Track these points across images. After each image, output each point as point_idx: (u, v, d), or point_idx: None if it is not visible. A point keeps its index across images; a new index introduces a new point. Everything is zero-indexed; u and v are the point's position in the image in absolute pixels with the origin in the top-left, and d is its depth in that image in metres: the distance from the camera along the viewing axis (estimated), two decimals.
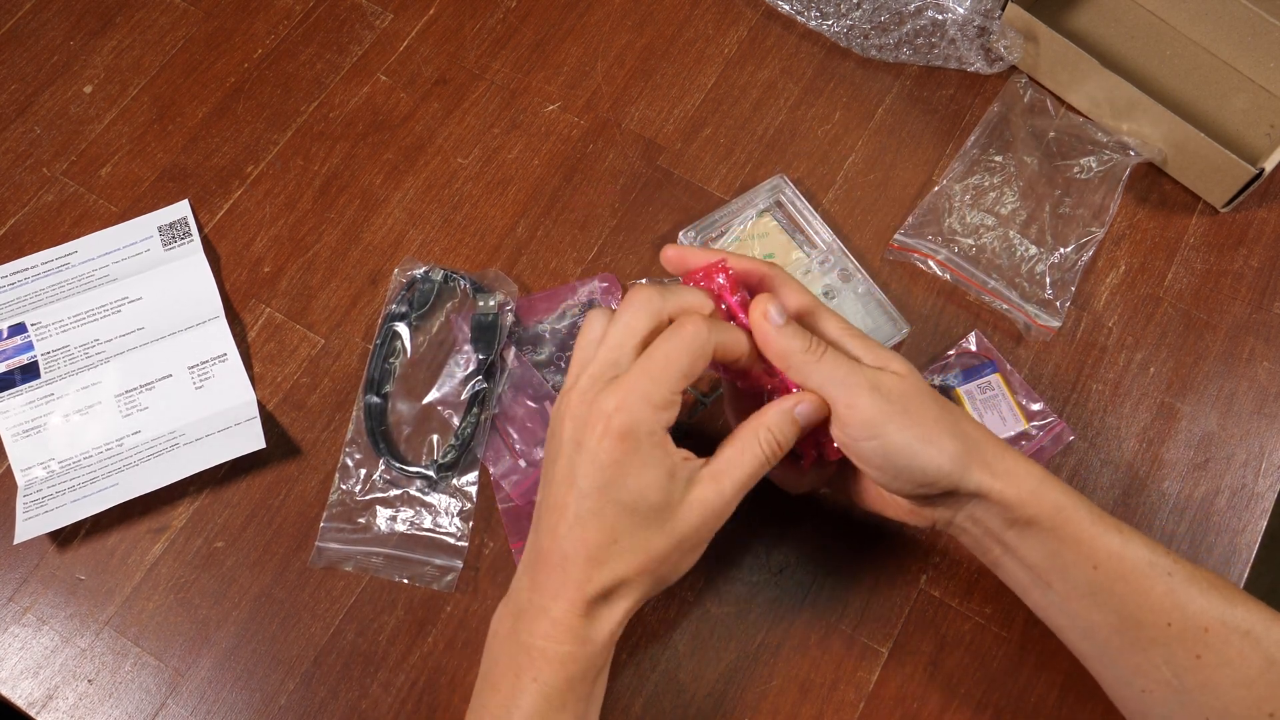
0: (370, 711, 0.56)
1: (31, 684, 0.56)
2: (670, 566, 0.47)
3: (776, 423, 0.47)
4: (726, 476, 0.47)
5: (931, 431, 0.46)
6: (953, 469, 0.46)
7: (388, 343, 0.63)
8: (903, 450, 0.46)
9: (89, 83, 0.72)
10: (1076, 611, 0.48)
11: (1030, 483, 0.47)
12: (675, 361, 0.45)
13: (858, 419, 0.46)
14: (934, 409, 0.47)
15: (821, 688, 0.56)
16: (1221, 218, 0.69)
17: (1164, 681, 0.46)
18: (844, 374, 0.46)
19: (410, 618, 0.58)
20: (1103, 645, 0.48)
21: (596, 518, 0.45)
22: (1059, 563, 0.47)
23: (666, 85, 0.72)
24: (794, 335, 0.47)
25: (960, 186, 0.68)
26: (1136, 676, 0.47)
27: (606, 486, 0.45)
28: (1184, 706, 0.46)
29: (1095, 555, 0.47)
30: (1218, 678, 0.45)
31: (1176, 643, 0.46)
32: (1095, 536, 0.47)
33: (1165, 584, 0.46)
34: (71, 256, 0.66)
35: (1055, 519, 0.47)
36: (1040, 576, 0.48)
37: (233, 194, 0.69)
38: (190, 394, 0.62)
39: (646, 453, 0.45)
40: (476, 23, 0.75)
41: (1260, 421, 0.63)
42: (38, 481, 0.60)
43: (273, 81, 0.72)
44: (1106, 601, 0.47)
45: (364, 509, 0.60)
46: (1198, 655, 0.45)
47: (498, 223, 0.68)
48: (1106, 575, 0.46)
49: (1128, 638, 0.47)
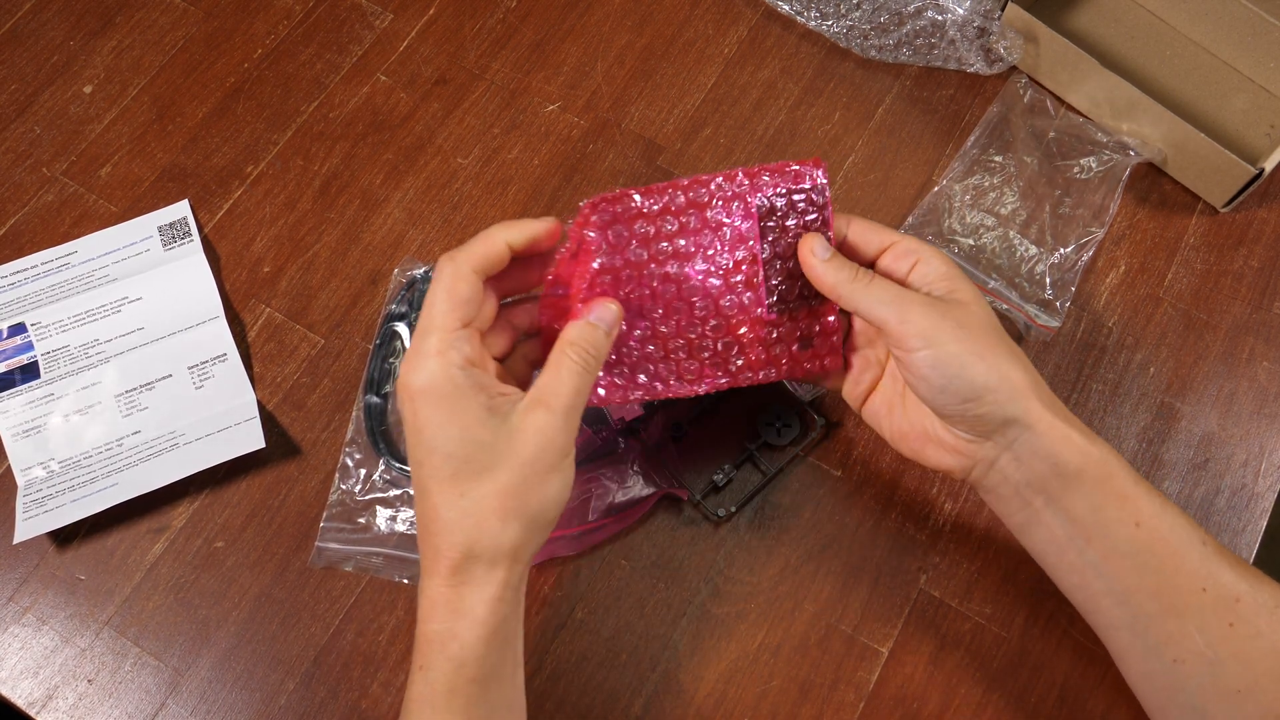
0: (370, 711, 0.56)
1: (31, 684, 0.56)
2: (532, 500, 0.45)
3: (579, 335, 0.47)
4: (551, 397, 0.46)
5: (986, 348, 0.47)
6: (1003, 388, 0.47)
7: (388, 343, 0.63)
8: (954, 359, 0.47)
9: (89, 83, 0.72)
10: (1115, 573, 0.47)
11: (1078, 433, 0.47)
12: (433, 303, 0.46)
13: (911, 331, 0.48)
14: (994, 335, 0.48)
15: (821, 688, 0.56)
16: (1221, 218, 0.69)
17: (1197, 652, 0.46)
18: (893, 295, 0.49)
19: (410, 618, 0.57)
20: (1136, 611, 0.47)
21: (436, 480, 0.45)
22: (1102, 518, 0.47)
23: (666, 85, 0.72)
24: (840, 267, 0.50)
25: (960, 187, 0.68)
26: (1169, 645, 0.47)
27: (430, 448, 0.45)
28: (1215, 679, 0.46)
29: (1139, 514, 0.46)
30: (1249, 649, 0.45)
31: (1210, 610, 0.46)
32: (1138, 496, 0.47)
33: (1200, 551, 0.46)
34: (71, 256, 0.66)
35: (1101, 471, 0.47)
36: (1081, 532, 0.48)
37: (233, 194, 0.69)
38: (190, 394, 0.62)
39: (454, 400, 0.45)
40: (476, 23, 0.75)
41: (1260, 421, 0.63)
42: (38, 481, 0.60)
43: (273, 81, 0.72)
44: (1146, 562, 0.46)
45: (364, 509, 0.60)
46: (1230, 624, 0.45)
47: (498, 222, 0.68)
48: (1147, 536, 0.46)
49: (1164, 603, 0.46)
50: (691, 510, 0.60)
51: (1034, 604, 0.58)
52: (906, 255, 0.51)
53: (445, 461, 0.45)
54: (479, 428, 0.45)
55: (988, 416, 0.48)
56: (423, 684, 0.45)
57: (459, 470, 0.45)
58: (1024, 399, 0.47)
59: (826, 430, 0.62)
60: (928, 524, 0.60)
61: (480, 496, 0.45)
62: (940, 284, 0.50)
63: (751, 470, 0.61)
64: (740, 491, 0.60)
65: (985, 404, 0.47)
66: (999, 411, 0.47)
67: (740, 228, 0.52)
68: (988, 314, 0.49)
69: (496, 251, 0.48)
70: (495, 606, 0.45)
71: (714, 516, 0.59)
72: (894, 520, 0.60)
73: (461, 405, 0.45)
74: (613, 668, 0.57)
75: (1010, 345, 0.49)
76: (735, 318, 0.53)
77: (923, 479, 0.61)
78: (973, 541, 0.59)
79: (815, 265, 0.50)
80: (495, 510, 0.44)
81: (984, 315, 0.49)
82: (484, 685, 0.45)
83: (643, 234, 0.51)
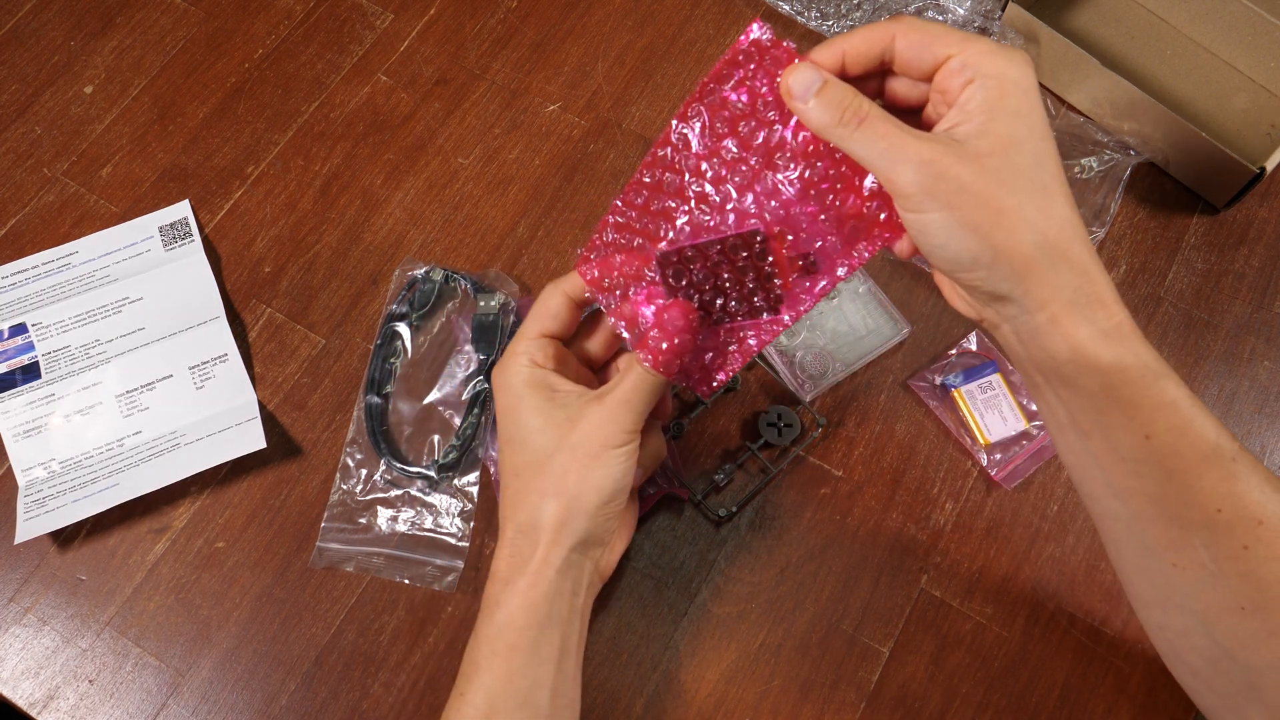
0: (371, 712, 0.56)
1: (32, 684, 0.56)
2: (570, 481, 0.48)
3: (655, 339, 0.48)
4: (608, 391, 0.49)
5: (986, 215, 0.40)
6: (997, 264, 0.40)
7: (388, 343, 0.63)
8: (939, 229, 0.40)
9: (89, 83, 0.72)
10: (1113, 473, 0.43)
11: (1094, 328, 0.41)
12: (530, 318, 0.52)
13: (897, 190, 0.41)
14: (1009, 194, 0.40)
15: (822, 688, 0.56)
16: (1222, 217, 0.69)
17: (1199, 564, 0.42)
18: (884, 146, 0.41)
19: (411, 618, 0.58)
20: (1135, 512, 0.43)
21: (503, 464, 0.50)
22: (1104, 422, 0.42)
23: (667, 85, 0.72)
24: (822, 109, 0.42)
25: None
26: (1168, 551, 0.43)
27: (506, 437, 0.50)
28: (1217, 590, 0.42)
29: (1152, 425, 0.41)
30: (1263, 571, 0.41)
31: (1223, 530, 0.41)
32: (1157, 406, 0.41)
33: (1224, 470, 0.41)
34: (72, 257, 0.66)
35: (1110, 379, 0.41)
36: (1079, 425, 0.43)
37: (233, 194, 0.69)
38: (191, 394, 0.62)
39: (529, 396, 0.50)
40: (477, 23, 0.75)
41: (1261, 421, 0.63)
42: (38, 482, 0.60)
43: (273, 82, 0.72)
44: (1151, 473, 0.42)
45: (365, 509, 0.60)
46: (1245, 546, 0.41)
47: (498, 223, 0.68)
48: (1159, 448, 0.41)
49: (1167, 513, 0.42)
50: (692, 510, 0.60)
51: (1035, 604, 0.58)
52: (959, 73, 0.41)
53: (507, 446, 0.50)
54: (534, 415, 0.49)
55: (978, 289, 0.42)
56: (473, 646, 0.49)
57: (517, 454, 0.50)
58: (1020, 279, 0.40)
59: (827, 430, 0.62)
60: (928, 524, 0.60)
61: (529, 477, 0.49)
62: (978, 116, 0.40)
63: (752, 470, 0.61)
64: (741, 491, 0.60)
65: (974, 276, 0.41)
66: (990, 287, 0.41)
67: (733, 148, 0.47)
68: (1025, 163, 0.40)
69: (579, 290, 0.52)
70: (534, 580, 0.48)
71: (714, 516, 0.59)
72: (895, 520, 0.60)
73: (531, 402, 0.49)
74: (613, 667, 0.57)
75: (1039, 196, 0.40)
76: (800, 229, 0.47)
77: (923, 479, 0.61)
78: (973, 541, 0.59)
79: (797, 110, 0.43)
80: (537, 489, 0.49)
81: (1011, 167, 0.40)
82: (525, 657, 0.47)
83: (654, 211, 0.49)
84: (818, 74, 0.43)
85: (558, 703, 0.48)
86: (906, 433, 0.62)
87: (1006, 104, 0.40)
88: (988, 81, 0.40)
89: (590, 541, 0.49)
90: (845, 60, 0.44)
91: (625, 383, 0.48)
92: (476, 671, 0.48)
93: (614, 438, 0.48)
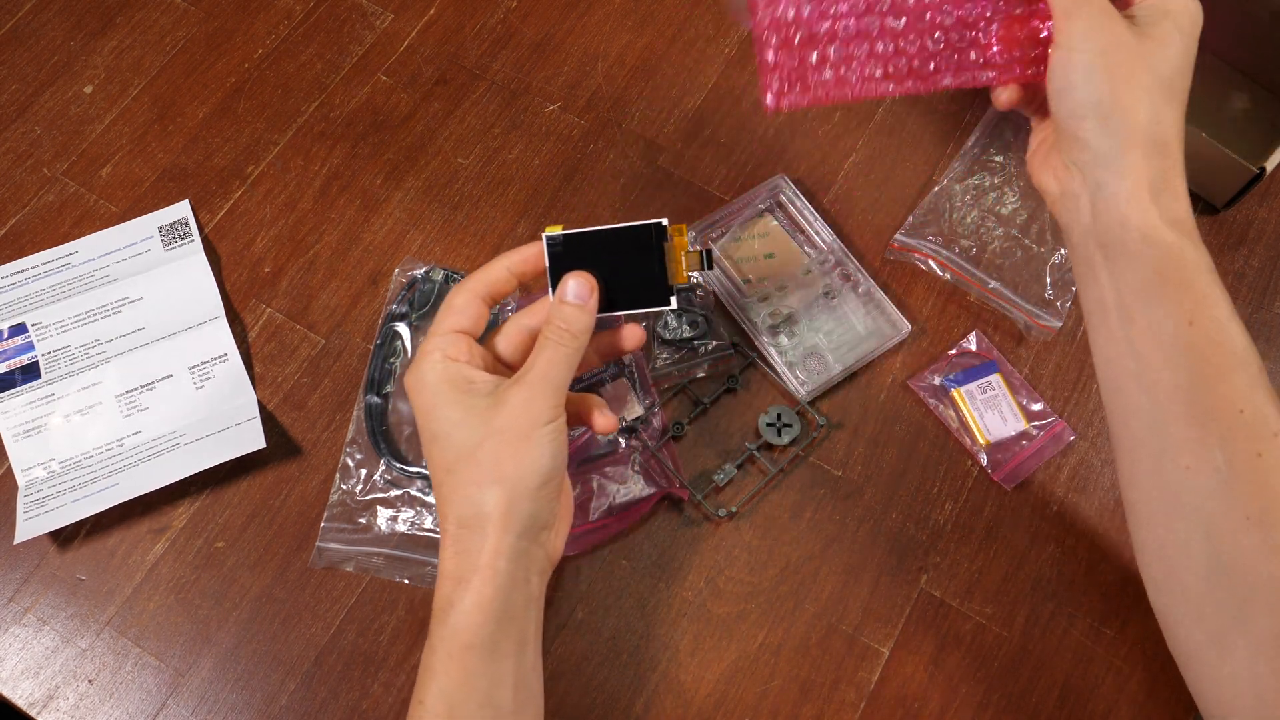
0: (371, 712, 0.56)
1: (32, 684, 0.56)
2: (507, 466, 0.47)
3: (554, 314, 0.49)
4: (525, 371, 0.49)
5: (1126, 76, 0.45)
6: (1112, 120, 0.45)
7: (388, 342, 0.63)
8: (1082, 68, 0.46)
9: (89, 83, 0.72)
10: (1150, 359, 0.45)
11: (1166, 211, 0.45)
12: (439, 317, 0.51)
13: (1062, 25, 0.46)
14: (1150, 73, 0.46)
15: (822, 688, 0.56)
16: (1222, 217, 0.69)
17: (1214, 467, 0.43)
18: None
19: (411, 618, 0.58)
20: (1160, 405, 0.45)
21: (432, 463, 0.49)
22: (1152, 301, 0.45)
23: (667, 85, 0.72)
24: None
25: (961, 186, 0.68)
26: (1184, 452, 0.44)
27: (430, 435, 0.49)
28: (1226, 498, 0.43)
29: (1196, 313, 0.44)
30: (1273, 481, 0.43)
31: (1242, 432, 0.43)
32: (1205, 297, 0.44)
33: (1251, 376, 0.44)
34: (72, 257, 0.66)
35: (1169, 257, 0.44)
36: (1128, 305, 0.45)
37: (233, 194, 0.69)
38: (191, 394, 0.62)
39: (445, 391, 0.48)
40: (476, 23, 0.75)
41: None
42: (38, 481, 0.60)
43: (273, 82, 0.72)
44: (1186, 362, 0.44)
45: (365, 509, 0.60)
46: (1259, 453, 0.43)
47: (498, 223, 0.68)
48: (1199, 337, 0.44)
49: (1193, 407, 0.44)
50: (692, 510, 0.60)
51: (1034, 604, 0.58)
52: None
53: (432, 444, 0.48)
54: (453, 408, 0.48)
55: (1086, 142, 0.46)
56: (427, 652, 0.47)
57: (445, 450, 0.48)
58: (1126, 140, 0.45)
59: (827, 430, 0.62)
60: (928, 524, 0.60)
61: (462, 469, 0.48)
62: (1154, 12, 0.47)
63: (752, 470, 0.61)
64: (740, 491, 0.60)
65: (1087, 127, 0.46)
66: (1096, 142, 0.46)
67: None
68: (1174, 53, 0.46)
69: (496, 275, 0.51)
70: (487, 575, 0.46)
71: (714, 516, 0.59)
72: (894, 520, 0.60)
73: (446, 396, 0.48)
74: (613, 668, 0.57)
75: (1166, 91, 0.46)
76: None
77: (923, 479, 0.61)
78: (973, 541, 0.59)
79: None
80: (474, 479, 0.47)
81: (1160, 54, 0.46)
82: (483, 656, 0.46)
83: None
84: None
85: (520, 696, 0.47)
86: (906, 433, 0.62)
87: (1180, 20, 0.47)
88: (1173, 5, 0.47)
89: (536, 525, 0.48)
90: None
91: (541, 358, 0.48)
92: (433, 677, 0.46)
93: (541, 414, 0.47)
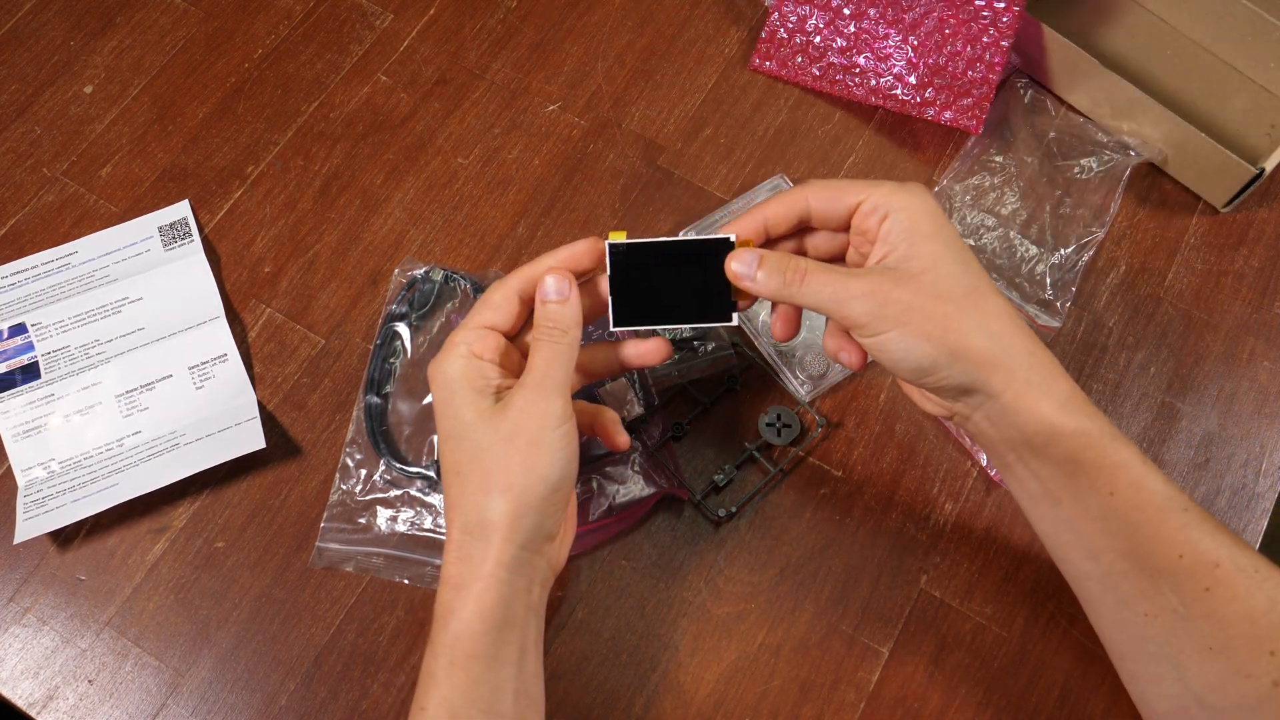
0: (371, 712, 0.56)
1: (32, 684, 0.56)
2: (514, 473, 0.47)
3: (540, 316, 0.49)
4: (525, 376, 0.48)
5: (937, 325, 0.46)
6: (956, 364, 0.46)
7: (388, 343, 0.63)
8: (897, 344, 0.46)
9: (89, 83, 0.72)
10: (1085, 533, 0.47)
11: (1052, 401, 0.46)
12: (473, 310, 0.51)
13: (853, 323, 0.47)
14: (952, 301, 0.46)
15: (822, 688, 0.56)
16: (1222, 218, 0.69)
17: (1170, 609, 0.46)
18: (830, 290, 0.47)
19: (411, 618, 0.58)
20: (1108, 568, 0.47)
21: (444, 465, 0.49)
22: (1072, 485, 0.47)
23: (667, 85, 0.72)
24: (768, 277, 0.49)
25: (961, 187, 0.68)
26: (1141, 600, 0.47)
27: (445, 433, 0.49)
28: (1188, 635, 0.46)
29: (1113, 483, 0.46)
30: (1224, 610, 0.45)
31: (1186, 574, 0.45)
32: (1115, 465, 0.46)
33: (1180, 519, 0.46)
34: (72, 257, 0.66)
35: (1075, 444, 0.46)
36: (1051, 493, 0.48)
37: (233, 194, 0.69)
38: (190, 394, 0.62)
39: (463, 389, 0.48)
40: (476, 23, 0.75)
41: (1260, 421, 0.63)
42: (38, 482, 0.60)
43: (273, 82, 0.72)
44: (1118, 528, 0.46)
45: (364, 509, 0.60)
46: (1206, 588, 0.45)
47: (498, 223, 0.68)
48: (1122, 503, 0.46)
49: (1136, 564, 0.46)
50: (692, 510, 0.60)
51: (1034, 604, 0.58)
52: (873, 213, 0.48)
53: (446, 443, 0.49)
54: (468, 409, 0.48)
55: (944, 388, 0.48)
56: (429, 657, 0.47)
57: (456, 450, 0.48)
58: (983, 369, 0.46)
59: (827, 430, 0.62)
60: (928, 524, 0.60)
61: (470, 472, 0.47)
62: (901, 244, 0.47)
63: (752, 470, 0.61)
64: (740, 491, 0.60)
65: (938, 378, 0.47)
66: (954, 383, 0.47)
67: None
68: (953, 272, 0.47)
69: (538, 274, 0.50)
70: (488, 584, 0.46)
71: (714, 516, 0.59)
72: (894, 520, 0.60)
73: (463, 396, 0.48)
74: (613, 668, 0.57)
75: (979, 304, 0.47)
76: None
77: (923, 479, 0.61)
78: (973, 541, 0.59)
79: (746, 286, 0.49)
80: (481, 485, 0.47)
81: (943, 279, 0.47)
82: (484, 664, 0.46)
83: None
84: (754, 252, 0.49)
85: (521, 704, 0.47)
86: (906, 433, 0.62)
87: (921, 228, 0.47)
88: (900, 214, 0.47)
89: (540, 536, 0.48)
90: (767, 226, 0.51)
91: (538, 359, 0.48)
92: (435, 684, 0.46)
93: (548, 416, 0.47)
